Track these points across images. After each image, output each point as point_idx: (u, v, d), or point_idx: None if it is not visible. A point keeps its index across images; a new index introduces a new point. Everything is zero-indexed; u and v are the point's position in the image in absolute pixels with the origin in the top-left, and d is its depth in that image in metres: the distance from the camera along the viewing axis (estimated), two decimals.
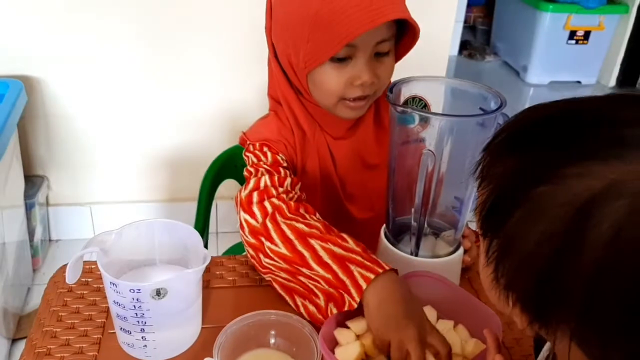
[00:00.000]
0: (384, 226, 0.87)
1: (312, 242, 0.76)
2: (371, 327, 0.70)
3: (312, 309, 0.76)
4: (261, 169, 0.87)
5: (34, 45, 1.74)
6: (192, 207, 1.19)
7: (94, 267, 0.87)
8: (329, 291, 0.74)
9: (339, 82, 0.84)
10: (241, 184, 0.89)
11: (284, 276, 0.79)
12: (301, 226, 0.78)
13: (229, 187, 1.22)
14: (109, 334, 0.78)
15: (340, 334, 0.70)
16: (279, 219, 0.79)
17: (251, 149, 0.91)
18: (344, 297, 0.72)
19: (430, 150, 0.77)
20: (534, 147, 0.44)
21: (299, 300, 0.78)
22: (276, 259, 0.78)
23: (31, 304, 1.74)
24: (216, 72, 1.87)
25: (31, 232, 1.82)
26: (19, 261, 1.69)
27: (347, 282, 0.72)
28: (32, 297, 1.76)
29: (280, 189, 0.84)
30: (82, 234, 1.98)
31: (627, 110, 0.42)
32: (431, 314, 0.75)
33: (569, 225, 0.40)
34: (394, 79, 0.84)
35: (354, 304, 0.70)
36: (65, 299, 0.83)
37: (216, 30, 1.81)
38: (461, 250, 0.85)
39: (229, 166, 1.20)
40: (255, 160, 0.89)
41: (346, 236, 0.78)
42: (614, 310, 0.39)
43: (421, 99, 0.81)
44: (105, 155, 1.94)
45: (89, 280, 0.86)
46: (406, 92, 0.82)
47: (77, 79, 1.80)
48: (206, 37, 1.81)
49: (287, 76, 0.89)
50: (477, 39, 4.11)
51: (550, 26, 3.34)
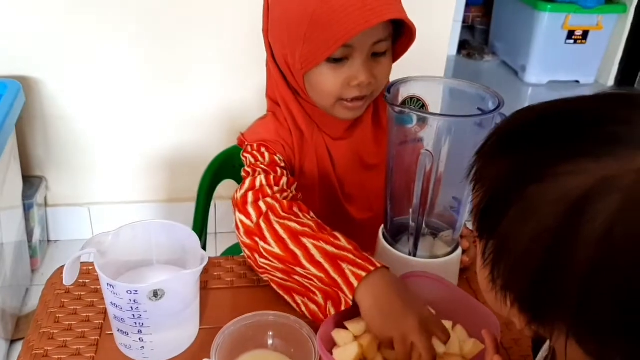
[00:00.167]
0: (382, 226, 0.87)
1: (304, 240, 0.76)
2: (370, 326, 0.70)
3: (313, 307, 0.76)
4: (258, 169, 0.87)
5: (31, 45, 1.74)
6: (190, 208, 1.19)
7: (91, 268, 0.87)
8: (325, 289, 0.74)
9: (336, 82, 0.84)
10: (239, 184, 0.89)
11: (280, 276, 0.79)
12: (294, 225, 0.78)
13: (227, 188, 1.21)
14: (106, 336, 0.77)
15: (338, 335, 0.70)
16: (272, 218, 0.79)
17: (249, 149, 0.91)
18: (339, 295, 0.72)
19: (428, 150, 0.77)
20: (525, 148, 0.44)
21: (298, 298, 0.78)
22: (271, 259, 0.78)
23: (29, 305, 1.74)
24: (215, 73, 1.87)
25: (29, 233, 1.82)
26: (17, 262, 1.69)
27: (339, 280, 0.72)
28: (30, 298, 1.76)
29: (275, 188, 0.84)
30: (80, 234, 1.98)
31: (617, 108, 0.43)
32: None
33: (562, 222, 0.40)
34: (393, 78, 0.84)
35: (349, 302, 0.70)
36: (62, 300, 0.83)
37: (214, 30, 1.80)
38: (459, 250, 0.85)
39: (227, 166, 1.20)
40: (252, 160, 0.89)
41: (338, 234, 0.77)
42: (609, 307, 0.39)
43: (419, 99, 0.81)
44: (103, 155, 1.94)
45: (87, 281, 0.86)
46: (404, 92, 0.82)
47: (75, 79, 1.80)
48: (204, 37, 1.81)
49: (285, 77, 0.89)
50: (476, 38, 4.11)
51: (548, 26, 3.34)
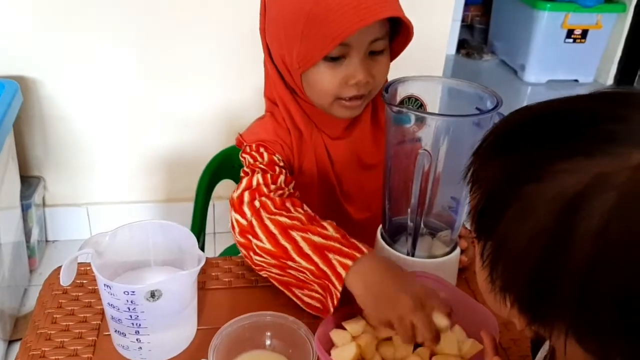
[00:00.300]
0: (380, 226, 0.87)
1: (293, 234, 0.75)
2: (366, 312, 0.69)
3: (312, 301, 0.75)
4: (257, 169, 0.86)
5: (29, 45, 1.73)
6: (189, 208, 1.19)
7: (89, 269, 0.86)
8: (318, 282, 0.73)
9: (334, 81, 0.83)
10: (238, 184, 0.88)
11: (276, 272, 0.78)
12: (284, 219, 0.77)
13: (226, 188, 1.21)
14: (104, 336, 0.77)
15: (336, 335, 0.70)
16: (263, 215, 0.78)
17: (247, 150, 0.90)
18: (330, 287, 0.71)
19: (426, 150, 0.77)
20: (521, 148, 0.44)
21: (297, 292, 0.77)
22: (264, 256, 0.77)
23: (28, 305, 1.73)
24: (213, 73, 1.87)
25: (28, 233, 1.82)
26: (15, 262, 1.68)
27: (328, 272, 0.71)
28: (28, 299, 1.76)
29: (272, 187, 0.84)
30: (79, 234, 1.97)
31: (612, 107, 0.43)
32: None
33: (558, 220, 0.40)
34: (391, 78, 0.84)
35: (337, 294, 0.70)
36: (60, 301, 0.83)
37: (213, 30, 1.80)
38: (458, 250, 0.85)
39: (226, 166, 1.20)
40: (251, 161, 0.89)
41: (327, 224, 0.77)
42: (607, 306, 0.39)
43: (417, 99, 0.81)
44: (102, 155, 1.94)
45: (84, 282, 0.86)
46: (402, 92, 0.82)
47: (73, 79, 1.80)
48: (203, 37, 1.81)
49: (283, 77, 0.89)
50: (475, 37, 4.11)
51: (547, 25, 3.34)
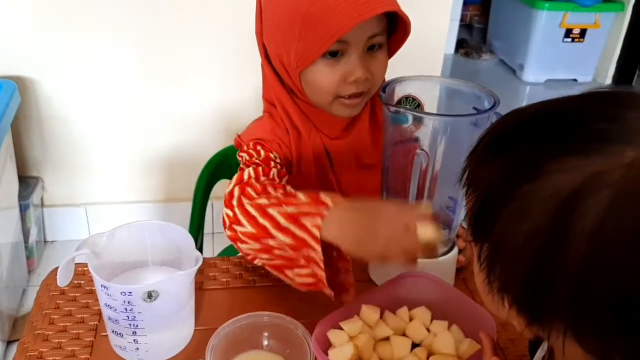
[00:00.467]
0: None
1: (270, 211, 0.74)
2: (359, 257, 0.69)
3: (305, 278, 0.74)
4: (251, 165, 0.85)
5: (27, 45, 1.73)
6: (187, 208, 1.19)
7: (86, 269, 0.86)
8: (301, 257, 0.72)
9: (333, 79, 0.83)
10: None
11: (265, 257, 0.76)
12: (263, 201, 0.76)
13: (224, 188, 1.20)
14: (101, 337, 0.77)
15: (333, 336, 0.70)
16: (244, 202, 0.77)
17: (245, 148, 0.90)
18: (311, 254, 0.70)
19: (423, 150, 0.77)
20: (516, 149, 0.44)
21: (289, 273, 0.76)
22: (249, 241, 0.76)
23: (26, 306, 1.73)
24: (213, 73, 1.86)
25: (26, 234, 1.82)
26: (13, 263, 1.68)
27: (305, 236, 0.70)
28: (27, 299, 1.75)
29: (262, 178, 0.82)
30: (77, 235, 1.97)
31: (605, 106, 0.43)
32: (425, 314, 0.75)
33: (554, 219, 0.40)
34: (390, 77, 0.84)
35: (317, 257, 0.69)
36: (57, 302, 0.83)
37: (213, 30, 1.80)
38: (455, 250, 0.85)
39: (224, 166, 1.20)
40: (247, 157, 0.88)
41: (300, 193, 0.75)
42: (604, 305, 0.39)
43: (415, 99, 0.81)
44: (100, 155, 1.93)
45: (82, 282, 0.86)
46: (400, 92, 0.82)
47: (71, 79, 1.79)
48: (203, 37, 1.80)
49: (280, 77, 0.89)
50: (474, 37, 4.11)
51: (546, 24, 3.34)
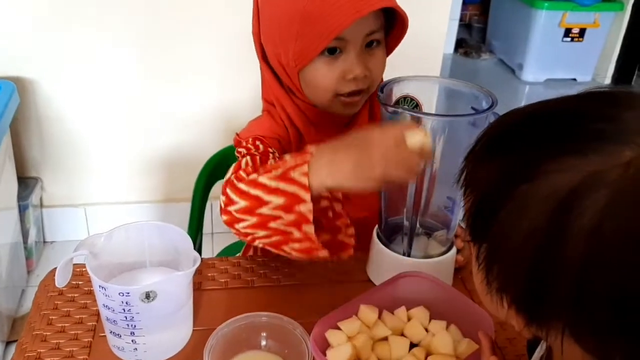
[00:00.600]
0: (377, 226, 0.87)
1: (260, 179, 0.74)
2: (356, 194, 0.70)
3: (301, 244, 0.74)
4: (249, 155, 0.85)
5: (25, 46, 1.73)
6: (187, 208, 1.19)
7: (84, 270, 0.86)
8: (293, 218, 0.72)
9: (332, 77, 0.83)
10: None
11: (262, 234, 0.76)
12: (253, 176, 0.76)
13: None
14: (99, 337, 0.77)
15: (331, 336, 0.70)
16: (235, 182, 0.77)
17: (244, 144, 0.89)
18: (301, 207, 0.70)
19: None
20: (513, 149, 0.44)
21: (286, 248, 0.75)
22: (244, 217, 0.75)
23: (25, 306, 1.73)
24: (210, 73, 1.86)
25: (25, 234, 1.82)
26: (12, 263, 1.68)
27: (295, 190, 0.70)
28: (26, 300, 1.75)
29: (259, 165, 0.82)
30: (76, 235, 1.97)
31: (602, 106, 0.43)
32: (424, 314, 0.75)
33: (552, 219, 0.40)
34: (389, 77, 0.84)
35: (307, 208, 0.70)
36: (55, 302, 0.83)
37: (213, 30, 1.80)
38: (454, 250, 0.85)
39: (223, 166, 1.19)
40: (246, 152, 0.88)
41: (288, 155, 0.76)
42: (603, 305, 0.39)
43: (412, 99, 0.81)
44: (99, 156, 1.93)
45: (80, 283, 0.86)
46: (397, 92, 0.82)
47: (70, 79, 1.79)
48: (200, 38, 1.80)
49: (279, 78, 0.88)
50: (473, 37, 4.11)
51: (545, 24, 3.34)
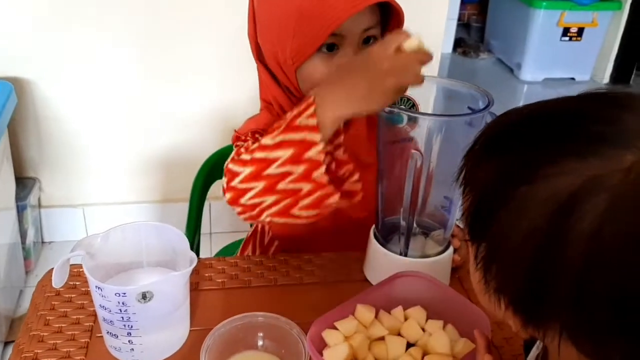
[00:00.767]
0: (374, 226, 0.87)
1: (263, 141, 0.75)
2: (375, 109, 0.73)
3: (310, 199, 0.74)
4: (248, 140, 0.84)
5: (23, 46, 1.73)
6: (185, 208, 1.19)
7: (81, 270, 0.86)
8: (303, 169, 0.73)
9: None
10: None
11: (271, 201, 0.75)
12: (255, 145, 0.76)
13: (221, 188, 1.21)
14: (96, 338, 0.77)
15: (328, 336, 0.70)
16: (236, 157, 0.77)
17: (242, 138, 0.89)
18: (311, 152, 0.71)
19: (417, 150, 0.77)
20: (512, 150, 0.44)
21: (297, 211, 0.76)
22: (250, 184, 0.75)
23: (23, 307, 1.73)
24: (210, 73, 1.87)
25: (23, 235, 1.81)
26: (11, 264, 1.68)
27: (304, 135, 0.71)
28: (24, 300, 1.75)
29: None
30: (75, 235, 1.97)
31: (603, 108, 0.43)
32: (420, 314, 0.75)
33: (552, 222, 0.40)
34: None
35: (319, 146, 0.71)
36: (52, 303, 0.82)
37: (213, 30, 1.80)
38: (451, 249, 0.85)
39: (221, 166, 1.18)
40: (244, 144, 0.87)
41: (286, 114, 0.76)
42: (603, 307, 0.39)
43: (409, 99, 0.81)
44: (97, 156, 1.93)
45: (77, 283, 0.86)
46: None
47: (68, 80, 1.80)
48: (201, 37, 1.80)
49: (276, 78, 0.88)
50: (471, 36, 4.11)
51: (543, 23, 3.34)
